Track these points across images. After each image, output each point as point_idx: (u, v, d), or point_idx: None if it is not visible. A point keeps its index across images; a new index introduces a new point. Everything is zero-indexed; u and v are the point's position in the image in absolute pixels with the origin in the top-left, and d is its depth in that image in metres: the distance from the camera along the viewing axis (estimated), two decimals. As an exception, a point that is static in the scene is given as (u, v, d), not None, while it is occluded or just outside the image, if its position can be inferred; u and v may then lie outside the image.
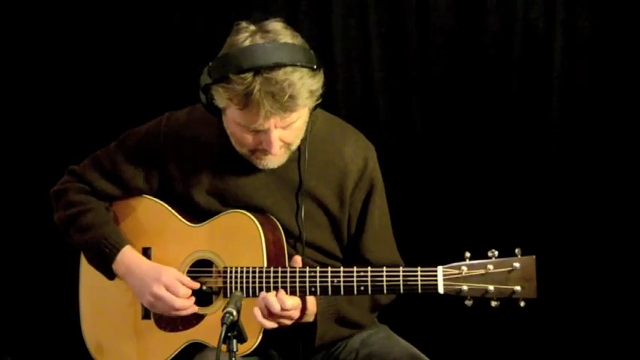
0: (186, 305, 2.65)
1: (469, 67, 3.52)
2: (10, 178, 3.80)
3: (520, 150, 3.50)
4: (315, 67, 2.49)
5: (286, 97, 2.42)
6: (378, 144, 2.84)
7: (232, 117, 2.55)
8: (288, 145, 2.60)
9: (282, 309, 2.54)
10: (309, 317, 2.64)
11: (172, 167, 2.74)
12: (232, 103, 2.49)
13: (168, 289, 2.64)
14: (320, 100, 2.56)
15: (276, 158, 2.61)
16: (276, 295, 2.55)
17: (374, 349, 2.72)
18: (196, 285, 2.67)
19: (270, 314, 2.55)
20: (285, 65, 2.43)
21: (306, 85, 2.46)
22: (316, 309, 2.63)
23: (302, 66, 2.46)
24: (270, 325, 2.56)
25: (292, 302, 2.56)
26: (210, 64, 2.51)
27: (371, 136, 2.84)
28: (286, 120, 2.51)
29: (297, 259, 2.62)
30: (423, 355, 2.70)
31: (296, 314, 2.59)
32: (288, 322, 2.59)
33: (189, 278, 2.67)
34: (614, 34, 3.39)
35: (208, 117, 2.70)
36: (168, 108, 2.83)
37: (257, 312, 2.54)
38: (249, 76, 2.43)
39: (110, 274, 2.73)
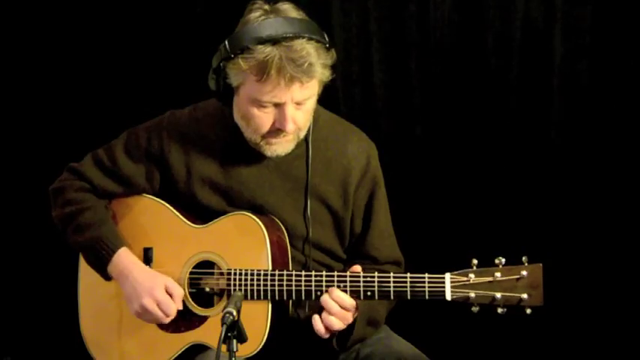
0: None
1: (470, 68, 3.53)
2: (10, 176, 3.79)
3: (524, 156, 3.51)
4: (327, 45, 2.56)
5: (306, 64, 2.49)
6: (380, 145, 2.85)
7: (248, 93, 2.56)
8: (298, 129, 2.61)
9: (342, 307, 2.56)
10: None
11: (174, 164, 2.73)
12: (251, 74, 2.52)
13: (159, 306, 2.64)
14: (332, 76, 2.60)
15: (285, 143, 2.63)
16: (330, 295, 2.56)
17: (375, 349, 2.71)
18: (180, 306, 2.66)
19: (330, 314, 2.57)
20: (302, 37, 2.51)
21: (321, 56, 2.54)
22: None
23: (317, 41, 2.53)
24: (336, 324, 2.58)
25: (351, 302, 2.57)
26: (226, 41, 2.55)
27: (372, 137, 2.84)
28: (304, 92, 2.54)
29: (357, 267, 2.62)
30: (423, 355, 2.70)
31: (350, 316, 2.59)
32: (343, 325, 2.59)
33: (180, 290, 2.66)
34: (614, 32, 3.40)
35: (211, 114, 2.73)
36: (170, 107, 2.83)
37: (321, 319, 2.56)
38: (269, 45, 2.49)
39: (106, 276, 2.72)
